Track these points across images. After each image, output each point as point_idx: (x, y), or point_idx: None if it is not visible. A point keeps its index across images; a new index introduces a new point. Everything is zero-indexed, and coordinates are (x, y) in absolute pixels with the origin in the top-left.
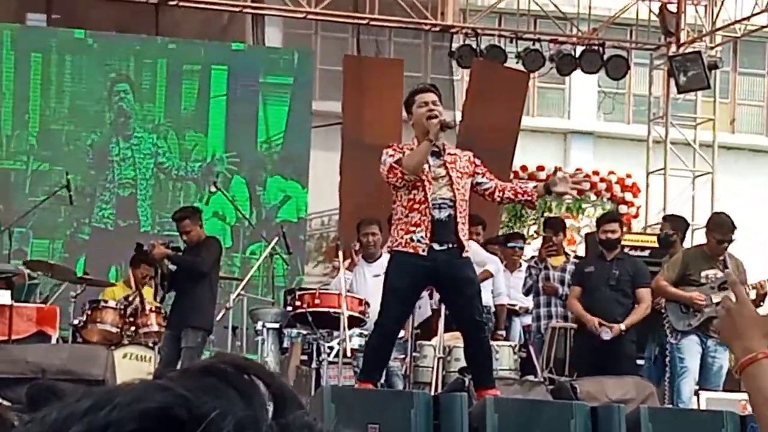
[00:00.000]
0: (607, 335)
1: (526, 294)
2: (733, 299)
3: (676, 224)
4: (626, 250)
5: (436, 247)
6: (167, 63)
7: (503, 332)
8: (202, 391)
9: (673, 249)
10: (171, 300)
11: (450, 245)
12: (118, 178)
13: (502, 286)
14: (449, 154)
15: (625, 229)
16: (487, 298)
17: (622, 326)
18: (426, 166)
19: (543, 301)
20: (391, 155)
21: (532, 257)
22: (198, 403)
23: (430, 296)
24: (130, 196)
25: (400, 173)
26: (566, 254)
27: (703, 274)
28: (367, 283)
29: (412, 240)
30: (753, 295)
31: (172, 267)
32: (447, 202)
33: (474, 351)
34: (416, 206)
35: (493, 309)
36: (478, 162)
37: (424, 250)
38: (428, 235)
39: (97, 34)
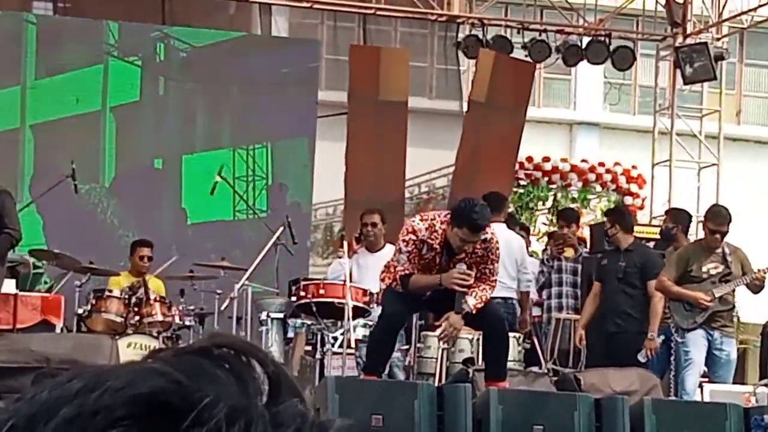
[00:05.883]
0: (643, 358)
1: (539, 291)
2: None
3: (678, 218)
4: None
5: None
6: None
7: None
8: (197, 375)
9: (676, 243)
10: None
11: None
12: None
13: (528, 272)
14: (462, 261)
15: None
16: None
17: (651, 335)
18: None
19: (555, 293)
20: (407, 251)
21: (544, 250)
22: (191, 390)
23: None
24: None
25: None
26: (578, 246)
27: (704, 269)
28: (368, 272)
29: None
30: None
31: None
32: None
33: (492, 342)
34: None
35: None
36: (484, 267)
37: None
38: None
39: None
